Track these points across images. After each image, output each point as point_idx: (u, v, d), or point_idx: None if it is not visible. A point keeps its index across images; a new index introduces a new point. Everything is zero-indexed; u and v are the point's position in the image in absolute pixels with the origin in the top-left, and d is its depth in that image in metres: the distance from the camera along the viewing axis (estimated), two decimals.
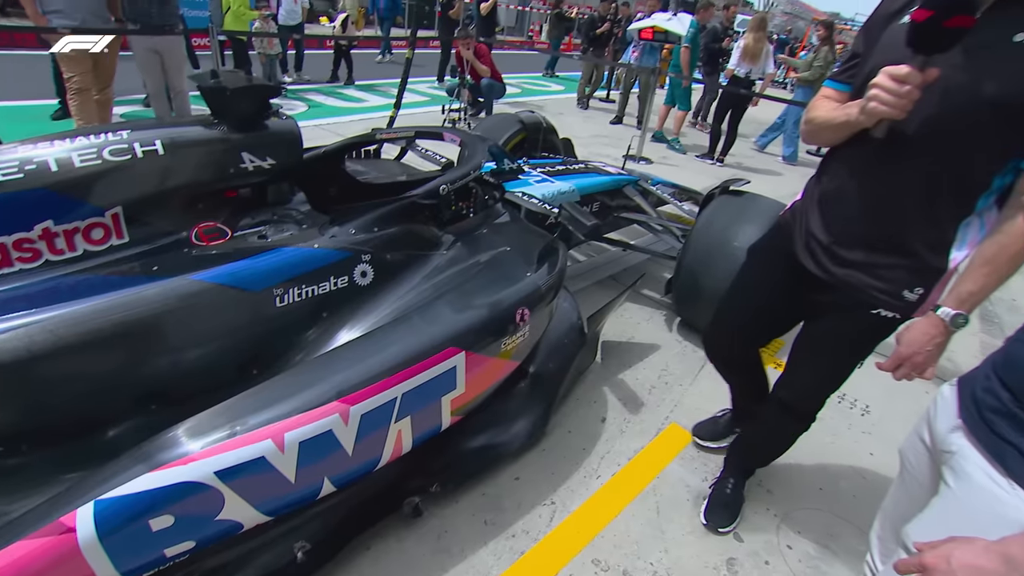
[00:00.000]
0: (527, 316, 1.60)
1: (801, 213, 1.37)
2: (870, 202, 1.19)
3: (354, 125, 6.08)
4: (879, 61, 1.08)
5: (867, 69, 1.14)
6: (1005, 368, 0.86)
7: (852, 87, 1.22)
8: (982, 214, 1.13)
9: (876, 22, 1.18)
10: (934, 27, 0.93)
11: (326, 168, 2.00)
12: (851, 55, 1.25)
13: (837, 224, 1.26)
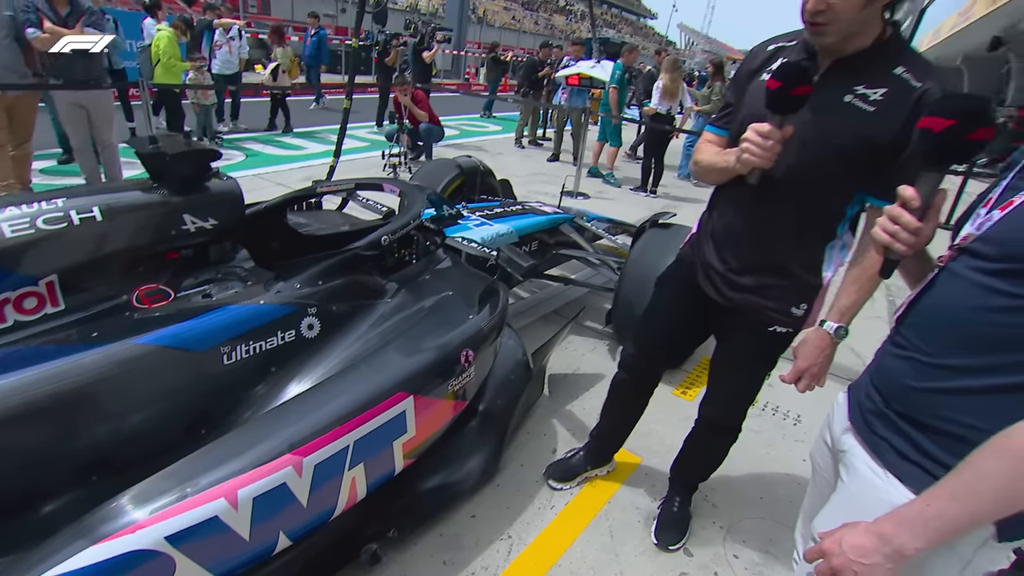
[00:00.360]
0: (472, 357, 1.67)
1: (697, 245, 1.54)
2: (752, 234, 1.38)
3: (294, 173, 6.07)
4: (748, 112, 1.28)
5: (740, 118, 1.34)
6: (877, 375, 1.01)
7: (729, 132, 1.41)
8: (841, 237, 1.35)
9: (742, 77, 1.39)
10: (784, 94, 1.12)
11: (268, 224, 2.03)
12: (726, 104, 1.45)
13: (728, 254, 1.44)
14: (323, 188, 2.45)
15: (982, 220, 0.84)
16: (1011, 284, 0.77)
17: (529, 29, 37.79)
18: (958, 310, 0.85)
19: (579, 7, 51.85)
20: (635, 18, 67.42)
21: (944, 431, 0.85)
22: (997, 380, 0.80)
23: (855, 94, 1.18)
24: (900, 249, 0.91)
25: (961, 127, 0.82)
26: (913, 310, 0.95)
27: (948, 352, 0.86)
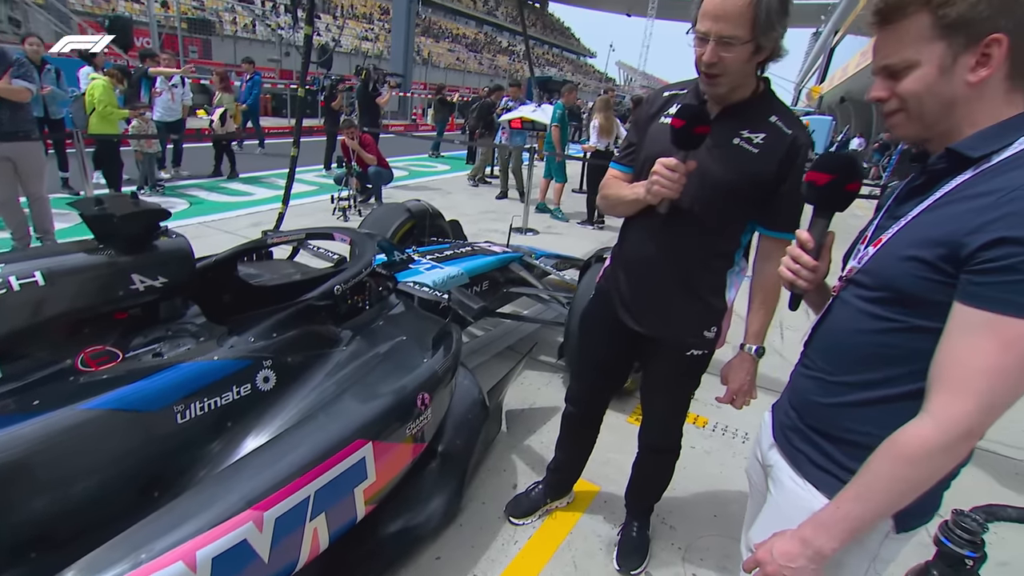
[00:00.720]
0: (428, 400, 1.72)
1: (613, 278, 1.66)
2: (663, 261, 1.51)
3: (241, 220, 5.99)
4: (651, 151, 1.44)
5: (642, 157, 1.50)
6: (792, 394, 1.13)
7: (633, 169, 1.56)
8: (738, 263, 1.52)
9: (642, 120, 1.55)
10: (687, 132, 1.28)
11: (219, 277, 2.04)
12: (628, 143, 1.60)
13: (642, 284, 1.57)
14: (273, 239, 2.47)
15: (861, 254, 0.98)
16: (885, 310, 0.90)
17: (474, 69, 38.88)
18: (848, 333, 0.97)
19: (521, 48, 53.91)
20: (575, 57, 70.58)
21: (848, 440, 0.97)
22: (884, 392, 0.92)
23: (741, 137, 1.36)
24: (802, 285, 1.06)
25: (839, 180, 0.98)
26: (816, 334, 1.08)
27: (844, 370, 0.98)
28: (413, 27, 20.83)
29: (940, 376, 0.82)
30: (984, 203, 0.77)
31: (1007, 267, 0.74)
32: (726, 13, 1.21)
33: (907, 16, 0.83)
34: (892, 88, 0.88)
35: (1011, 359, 0.75)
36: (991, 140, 0.82)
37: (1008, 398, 0.78)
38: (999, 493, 2.61)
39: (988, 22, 0.78)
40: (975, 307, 0.77)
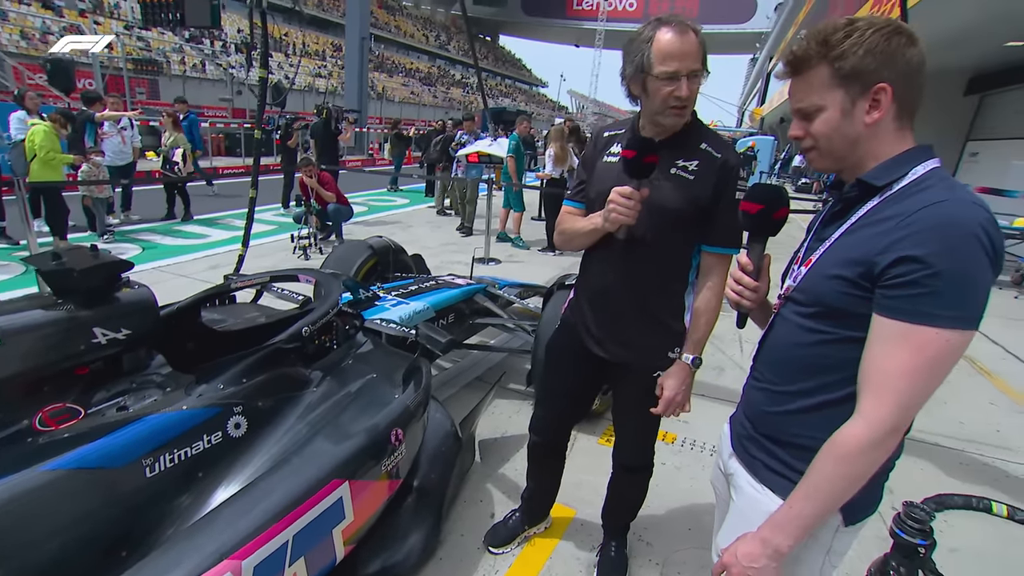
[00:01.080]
0: (402, 435, 1.74)
1: (577, 308, 1.75)
2: (623, 290, 1.60)
3: (198, 263, 5.87)
4: (600, 187, 1.55)
5: (592, 193, 1.60)
6: (745, 405, 1.23)
7: (584, 204, 1.66)
8: (692, 284, 1.62)
9: (589, 159, 1.68)
10: (638, 162, 1.38)
11: (183, 325, 2.02)
12: (579, 181, 1.71)
13: (606, 312, 1.65)
14: (237, 283, 2.45)
15: (796, 273, 1.09)
16: (819, 323, 1.01)
17: (428, 102, 39.40)
18: (789, 346, 1.08)
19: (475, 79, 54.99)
20: (528, 87, 72.45)
21: (796, 444, 1.06)
22: (823, 397, 1.02)
23: (677, 167, 1.49)
24: (746, 304, 1.17)
25: (768, 209, 1.10)
26: (762, 349, 1.18)
27: (788, 380, 1.08)
28: (366, 63, 21.05)
29: (866, 380, 0.92)
30: (889, 227, 0.89)
31: (911, 282, 0.85)
32: (689, 51, 1.38)
33: (812, 67, 0.97)
34: (806, 128, 1.02)
35: (922, 361, 0.86)
36: (890, 171, 0.96)
37: (923, 395, 0.89)
38: (946, 483, 2.78)
39: (875, 73, 0.92)
40: (889, 318, 0.88)
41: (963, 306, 0.84)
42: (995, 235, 0.84)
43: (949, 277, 0.83)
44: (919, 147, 0.98)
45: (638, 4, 55.15)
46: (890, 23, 0.94)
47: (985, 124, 11.51)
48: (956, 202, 0.86)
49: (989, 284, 0.85)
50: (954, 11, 7.60)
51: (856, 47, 0.92)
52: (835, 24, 0.96)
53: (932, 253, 0.83)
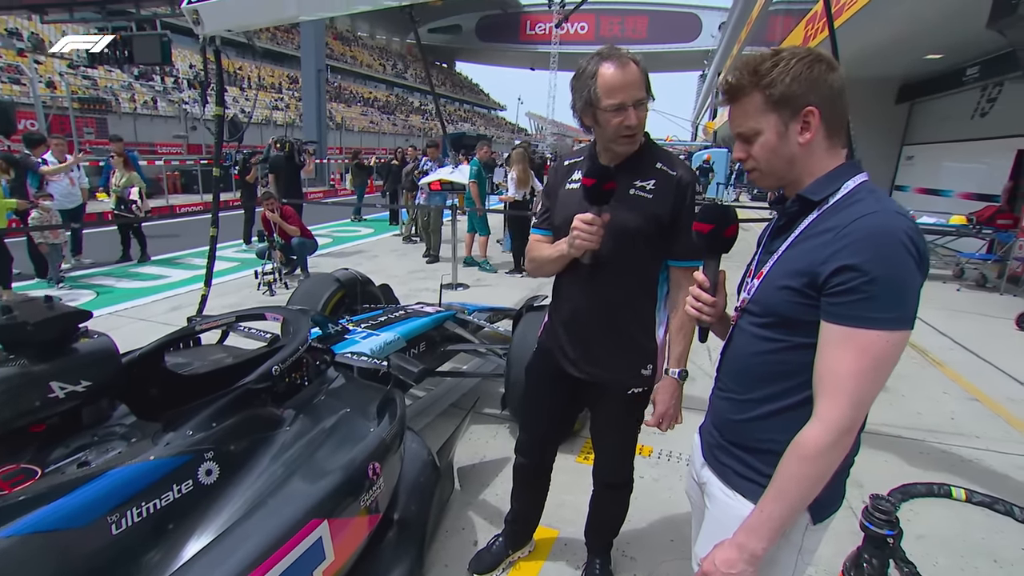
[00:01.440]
0: (379, 469, 1.73)
1: (551, 332, 1.79)
2: (594, 311, 1.65)
3: (158, 305, 5.69)
4: (563, 214, 1.61)
5: (557, 220, 1.67)
6: (712, 414, 1.27)
7: (551, 231, 1.72)
8: (662, 299, 1.68)
9: (552, 188, 1.74)
10: (598, 189, 1.45)
11: (146, 372, 1.96)
12: (544, 209, 1.77)
13: (579, 333, 1.70)
14: (201, 325, 2.40)
15: (750, 286, 1.16)
16: (773, 332, 1.07)
17: (388, 131, 39.48)
18: (748, 356, 1.13)
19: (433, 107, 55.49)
20: (487, 111, 73.47)
21: (763, 449, 1.10)
22: (783, 403, 1.07)
23: (636, 187, 1.56)
24: (706, 319, 1.23)
25: (718, 228, 1.17)
26: (724, 360, 1.23)
27: (749, 388, 1.13)
28: (324, 94, 21.04)
29: (819, 384, 0.99)
30: (828, 238, 0.97)
31: (851, 289, 0.92)
32: (632, 81, 1.46)
33: (746, 95, 1.06)
34: (748, 150, 1.10)
35: (867, 362, 0.93)
36: (825, 186, 1.04)
37: (872, 392, 0.96)
38: (909, 473, 2.90)
39: (802, 97, 1.01)
40: (834, 323, 0.95)
41: (898, 308, 0.92)
42: (919, 241, 0.93)
43: (883, 282, 0.90)
44: (848, 163, 1.07)
45: (590, 27, 56.99)
46: (811, 52, 1.03)
47: (917, 130, 12.27)
48: (884, 213, 0.94)
49: (919, 286, 0.93)
50: (872, 29, 8.23)
51: (783, 75, 1.00)
52: (763, 55, 1.05)
53: (867, 261, 0.91)
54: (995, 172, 8.77)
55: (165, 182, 14.88)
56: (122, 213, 7.70)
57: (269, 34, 39.37)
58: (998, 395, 3.96)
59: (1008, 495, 2.68)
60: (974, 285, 7.26)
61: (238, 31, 3.93)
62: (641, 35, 56.21)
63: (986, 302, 6.60)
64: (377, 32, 54.76)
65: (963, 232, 7.59)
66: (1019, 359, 4.68)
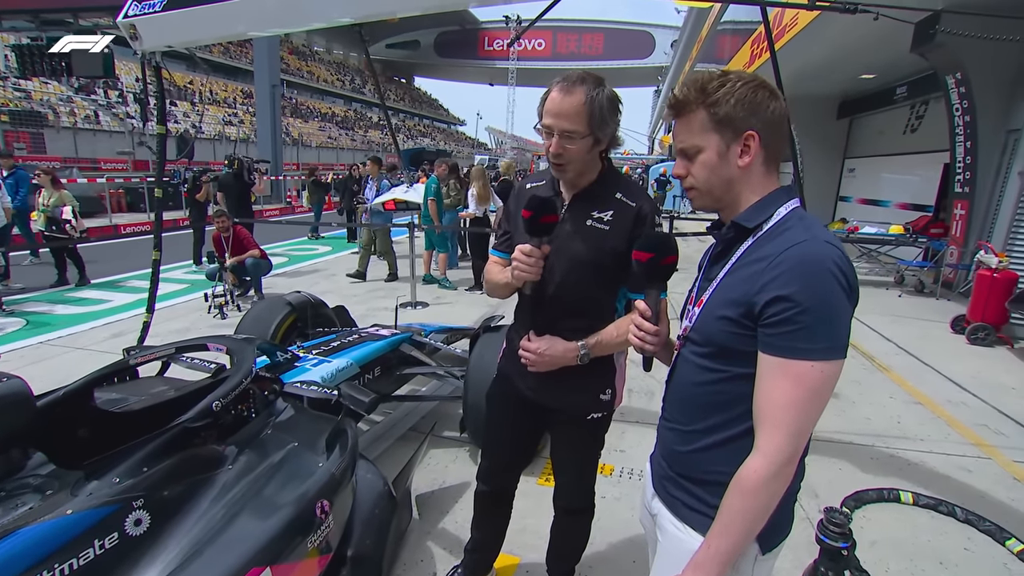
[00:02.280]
0: (328, 507, 1.65)
1: (510, 356, 1.76)
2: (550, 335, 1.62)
3: (98, 332, 5.38)
4: (518, 239, 1.58)
5: (515, 244, 1.61)
6: (660, 445, 1.26)
7: (509, 255, 1.66)
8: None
9: (512, 211, 1.71)
10: (535, 222, 1.43)
11: (70, 412, 1.82)
12: (504, 232, 1.75)
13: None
14: (137, 359, 2.26)
15: (691, 314, 1.15)
16: (714, 363, 1.06)
17: (347, 146, 39.02)
18: (690, 386, 1.12)
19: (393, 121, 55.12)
20: (446, 126, 73.59)
21: (709, 481, 1.09)
22: (726, 433, 1.06)
23: (592, 218, 1.54)
24: (649, 349, 1.21)
25: (657, 257, 1.16)
26: (668, 389, 1.22)
27: (693, 419, 1.12)
28: (279, 110, 20.62)
29: (759, 415, 0.98)
30: (761, 267, 0.97)
31: (784, 319, 0.93)
32: (565, 112, 1.43)
33: (692, 111, 1.06)
34: (688, 167, 1.10)
35: (803, 392, 0.93)
36: (759, 213, 1.05)
37: (809, 422, 0.96)
38: (861, 479, 2.99)
39: (744, 121, 1.03)
40: (770, 355, 0.95)
41: (829, 338, 0.92)
42: (847, 269, 0.94)
43: (814, 313, 0.91)
44: (781, 188, 1.08)
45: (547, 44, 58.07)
46: (755, 78, 1.05)
47: (857, 144, 12.94)
48: (812, 242, 0.95)
49: (849, 314, 0.94)
50: (810, 50, 8.75)
51: (728, 96, 1.01)
52: (711, 75, 1.06)
53: (797, 291, 0.91)
54: (927, 184, 9.33)
55: (108, 200, 14.21)
56: (54, 234, 7.27)
57: (221, 48, 38.44)
58: (939, 398, 4.15)
59: (950, 495, 2.79)
60: (913, 291, 7.65)
61: (180, 47, 3.78)
62: (597, 52, 57.68)
63: (924, 307, 6.95)
64: (334, 47, 54.27)
65: (901, 241, 8.02)
66: (955, 362, 4.93)
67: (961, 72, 6.57)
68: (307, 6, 3.25)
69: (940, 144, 8.06)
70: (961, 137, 7.03)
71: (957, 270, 7.38)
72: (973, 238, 6.99)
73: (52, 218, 7.29)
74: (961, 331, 5.64)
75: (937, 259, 7.44)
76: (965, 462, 3.21)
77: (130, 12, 3.49)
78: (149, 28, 3.52)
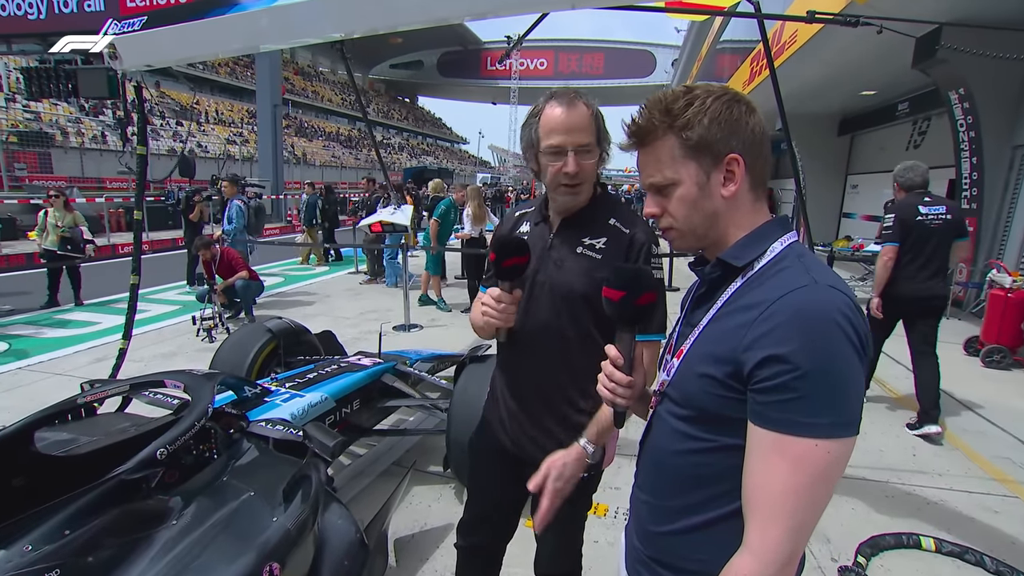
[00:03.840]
0: (278, 570, 1.46)
1: (492, 402, 1.58)
2: (534, 379, 1.44)
3: (80, 357, 5.23)
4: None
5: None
6: (633, 518, 1.05)
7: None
8: None
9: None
10: (500, 265, 1.27)
11: (4, 459, 1.65)
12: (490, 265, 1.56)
13: (517, 407, 1.49)
14: (87, 397, 2.08)
15: (669, 366, 0.96)
16: (696, 429, 0.87)
17: (351, 164, 39.31)
18: (667, 454, 0.93)
19: (396, 140, 55.73)
20: (449, 144, 74.16)
21: (688, 570, 0.91)
22: (708, 515, 0.87)
23: (584, 245, 1.38)
24: (621, 403, 1.01)
25: (630, 296, 0.96)
26: (642, 452, 1.03)
27: (668, 494, 0.93)
28: (280, 130, 20.75)
29: (749, 502, 0.79)
30: (750, 317, 0.79)
31: (779, 386, 0.74)
32: (576, 125, 1.30)
33: (658, 138, 0.89)
34: (663, 205, 0.92)
35: (803, 478, 0.74)
36: (749, 249, 0.88)
37: (813, 514, 0.76)
38: (876, 521, 2.76)
39: (723, 143, 0.85)
40: (763, 427, 0.77)
41: (836, 411, 0.73)
42: (856, 320, 0.76)
43: (817, 378, 0.73)
44: (775, 220, 0.91)
45: (549, 63, 58.71)
46: (726, 91, 0.88)
47: (859, 160, 12.84)
48: (814, 288, 0.77)
49: (860, 379, 0.76)
50: (810, 68, 8.66)
51: (700, 115, 0.85)
52: (675, 92, 0.89)
53: (795, 351, 0.73)
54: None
55: (107, 220, 14.20)
56: (69, 254, 7.22)
57: (228, 68, 39.01)
58: (954, 426, 3.93)
59: (975, 540, 2.57)
60: None
61: (159, 65, 3.69)
62: (598, 71, 58.20)
63: None
64: (339, 67, 54.94)
65: None
66: (970, 386, 4.71)
67: (964, 88, 6.45)
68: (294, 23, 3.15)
69: (944, 160, 7.91)
70: (966, 153, 6.88)
71: (967, 288, 7.17)
72: (983, 256, 6.80)
73: (69, 238, 7.26)
74: (975, 353, 5.43)
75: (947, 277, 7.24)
76: (990, 501, 2.98)
77: (109, 31, 3.40)
78: (130, 48, 3.43)
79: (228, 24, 3.21)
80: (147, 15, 3.35)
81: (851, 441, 0.75)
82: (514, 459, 1.51)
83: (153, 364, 5.03)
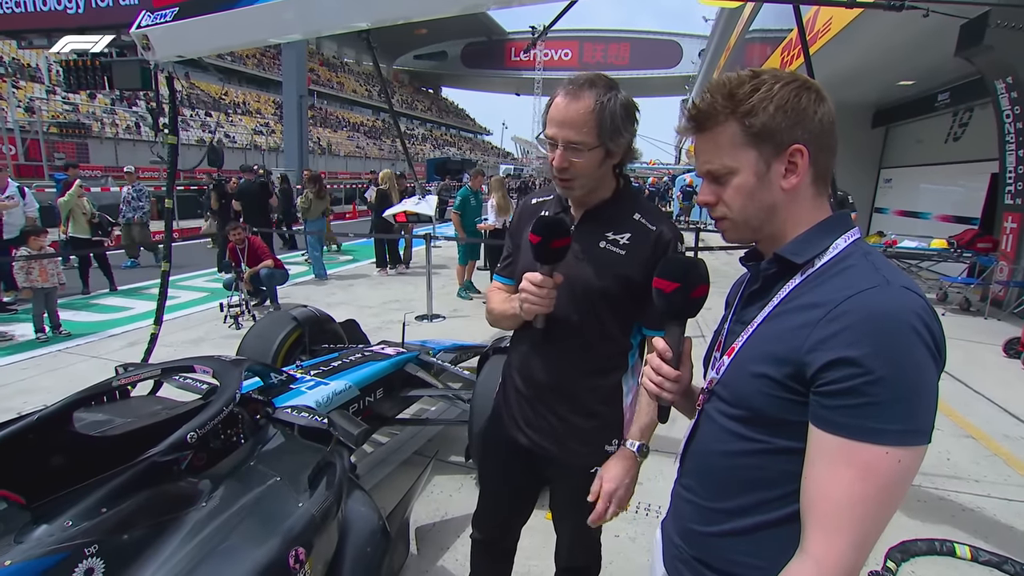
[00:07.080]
0: (303, 554, 1.48)
1: (503, 394, 1.56)
2: (550, 374, 1.42)
3: (115, 341, 5.40)
4: (525, 263, 1.38)
5: (519, 269, 1.43)
6: (673, 517, 1.03)
7: (513, 280, 1.50)
8: (632, 366, 1.43)
9: (516, 231, 1.52)
10: (545, 247, 1.23)
11: (43, 440, 1.71)
12: (506, 255, 1.55)
13: (531, 402, 1.46)
14: (122, 380, 2.14)
15: (718, 364, 0.93)
16: (748, 430, 0.84)
17: (375, 155, 39.59)
18: (717, 455, 0.91)
19: (419, 131, 55.93)
20: (472, 135, 74.16)
21: (736, 574, 0.88)
22: (760, 518, 0.84)
23: (607, 240, 1.34)
24: (668, 397, 1.00)
25: (684, 288, 0.95)
26: (687, 452, 1.00)
27: (717, 495, 0.91)
28: (305, 120, 20.97)
29: (811, 509, 0.76)
30: (814, 316, 0.76)
31: (850, 389, 0.71)
32: (570, 120, 1.23)
33: (719, 124, 0.85)
34: (719, 193, 0.88)
35: (871, 488, 0.71)
36: (810, 246, 0.84)
37: (880, 524, 0.73)
38: (907, 525, 2.69)
39: (788, 132, 0.81)
40: (828, 432, 0.73)
41: (911, 418, 0.70)
42: (933, 324, 0.72)
43: (891, 384, 0.69)
44: (838, 215, 0.87)
45: (573, 54, 58.11)
46: (796, 78, 0.84)
47: (893, 153, 12.43)
48: (887, 288, 0.73)
49: (935, 386, 0.72)
50: (846, 56, 8.36)
51: (765, 102, 0.81)
52: (740, 77, 0.84)
53: (868, 355, 0.69)
54: (971, 195, 8.82)
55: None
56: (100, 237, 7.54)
57: (255, 60, 39.55)
58: (994, 431, 3.79)
59: (1015, 550, 2.47)
60: (958, 309, 7.18)
61: (191, 56, 3.74)
62: (624, 62, 57.40)
63: (971, 327, 6.49)
64: (363, 58, 55.25)
65: (944, 255, 7.56)
66: (1010, 389, 4.54)
67: (1012, 76, 6.18)
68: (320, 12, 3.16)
69: (986, 153, 7.62)
70: (1012, 145, 6.60)
71: (1008, 287, 6.91)
72: None
73: (98, 223, 7.54)
74: (1016, 355, 5.23)
75: (985, 276, 6.98)
76: None
77: (143, 23, 3.46)
78: (163, 38, 3.48)
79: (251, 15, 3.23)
80: (178, 6, 3.38)
81: (922, 450, 0.72)
82: (525, 451, 1.50)
83: (182, 349, 5.16)
